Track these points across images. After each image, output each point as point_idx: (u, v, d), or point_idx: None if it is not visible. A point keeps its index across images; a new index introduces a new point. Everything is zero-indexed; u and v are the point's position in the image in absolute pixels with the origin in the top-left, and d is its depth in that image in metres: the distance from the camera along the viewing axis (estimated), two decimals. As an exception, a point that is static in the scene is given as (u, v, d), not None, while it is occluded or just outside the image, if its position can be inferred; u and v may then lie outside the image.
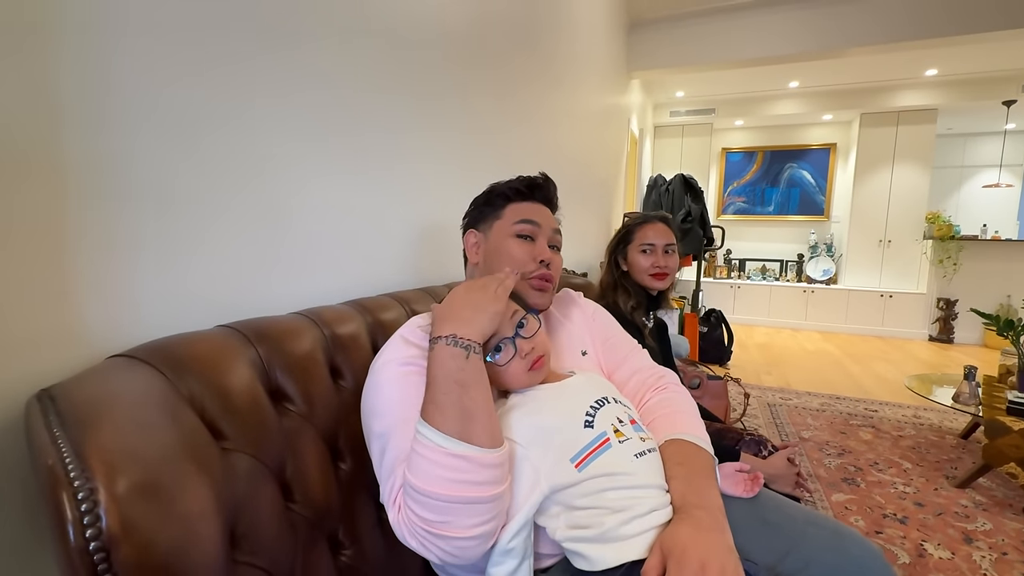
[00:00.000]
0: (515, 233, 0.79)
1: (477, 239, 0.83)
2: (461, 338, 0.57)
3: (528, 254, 0.78)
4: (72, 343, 0.55)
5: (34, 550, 0.51)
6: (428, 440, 0.52)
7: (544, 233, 0.80)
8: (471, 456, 0.52)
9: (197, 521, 0.40)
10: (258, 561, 0.50)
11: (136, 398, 0.46)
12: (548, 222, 0.82)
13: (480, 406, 0.55)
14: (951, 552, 1.52)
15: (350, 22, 0.94)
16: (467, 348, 0.57)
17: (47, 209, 0.52)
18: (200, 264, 0.69)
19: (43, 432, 0.39)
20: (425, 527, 0.52)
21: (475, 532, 0.53)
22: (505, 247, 0.78)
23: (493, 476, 0.53)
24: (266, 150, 0.78)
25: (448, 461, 0.51)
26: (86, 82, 0.54)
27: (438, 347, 0.57)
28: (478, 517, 0.52)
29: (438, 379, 0.55)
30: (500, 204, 0.83)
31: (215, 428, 0.53)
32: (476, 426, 0.54)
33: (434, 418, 0.53)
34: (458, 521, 0.52)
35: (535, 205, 0.83)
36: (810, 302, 5.52)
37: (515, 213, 0.80)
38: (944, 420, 2.69)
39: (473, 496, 0.52)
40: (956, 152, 5.88)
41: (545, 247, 0.79)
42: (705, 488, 0.62)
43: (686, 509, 0.58)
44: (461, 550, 0.53)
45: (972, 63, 4.36)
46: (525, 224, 0.79)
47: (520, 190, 0.83)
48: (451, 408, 0.53)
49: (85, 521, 0.32)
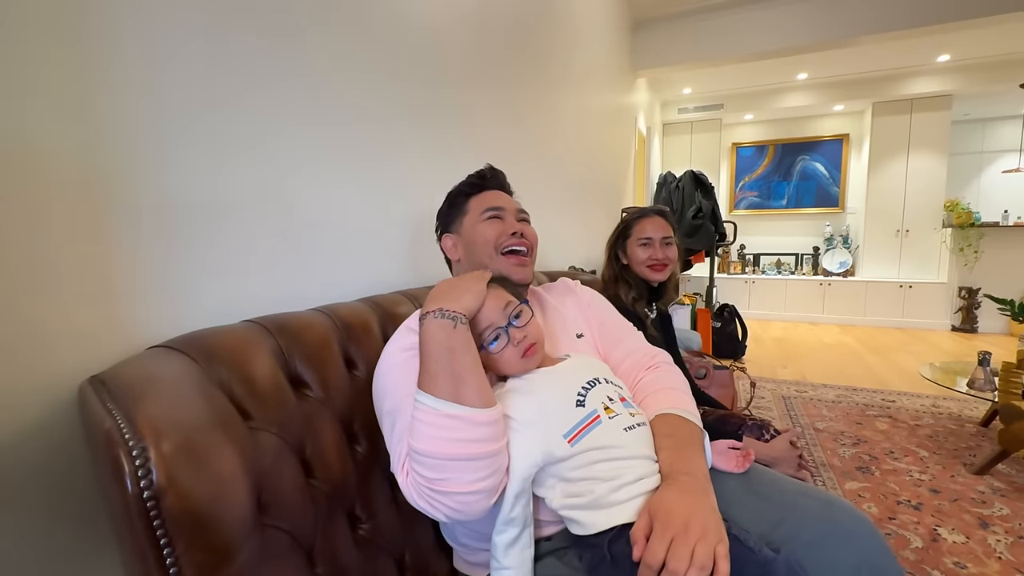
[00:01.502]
0: (483, 219, 0.86)
1: (453, 240, 0.90)
2: (447, 310, 0.62)
3: (499, 231, 0.85)
4: (116, 336, 0.61)
5: (77, 507, 0.58)
6: (424, 405, 0.58)
7: (509, 212, 0.88)
8: (463, 415, 0.57)
9: (227, 481, 0.46)
10: (283, 525, 0.56)
11: (174, 380, 0.52)
12: (510, 204, 0.90)
13: (469, 369, 0.60)
14: (966, 536, 1.51)
15: (358, 40, 1.01)
16: (453, 319, 0.62)
17: (95, 220, 0.59)
18: (225, 266, 0.76)
19: (98, 406, 0.45)
20: (429, 485, 0.57)
21: (475, 487, 0.58)
22: (478, 232, 0.85)
23: (486, 434, 0.58)
24: (284, 163, 0.85)
25: (443, 422, 0.57)
26: (139, 109, 0.62)
27: (427, 321, 0.62)
28: (476, 473, 0.57)
29: (429, 349, 0.60)
30: (461, 203, 0.90)
31: (242, 409, 0.59)
32: (466, 388, 0.59)
33: (428, 385, 0.58)
34: (457, 477, 0.57)
35: (492, 193, 0.90)
36: (827, 295, 5.45)
37: (478, 205, 0.88)
38: (964, 408, 2.66)
39: (469, 453, 0.57)
40: (975, 138, 5.75)
41: (514, 222, 0.87)
42: (691, 456, 0.66)
43: (673, 475, 0.63)
44: (465, 505, 0.58)
45: (986, 47, 4.28)
46: (490, 210, 0.86)
47: (474, 183, 0.91)
48: (442, 374, 0.58)
49: (139, 473, 0.39)
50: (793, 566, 0.59)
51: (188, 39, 0.69)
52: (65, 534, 0.56)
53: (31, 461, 0.53)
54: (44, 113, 0.54)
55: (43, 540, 0.54)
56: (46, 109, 0.54)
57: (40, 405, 0.54)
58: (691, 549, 0.53)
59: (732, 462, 0.79)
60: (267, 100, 0.82)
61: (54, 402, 0.55)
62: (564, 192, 2.40)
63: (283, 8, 0.84)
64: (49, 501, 0.55)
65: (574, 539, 0.66)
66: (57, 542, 0.55)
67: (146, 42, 0.64)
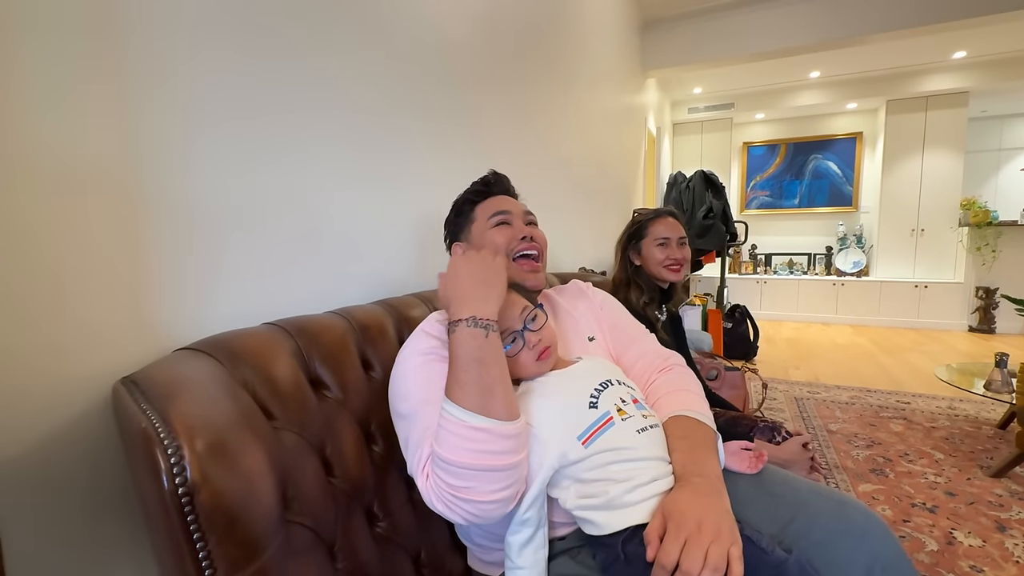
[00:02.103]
0: (492, 225, 0.87)
1: (463, 248, 0.91)
2: (481, 319, 0.63)
3: (509, 236, 0.86)
4: (145, 339, 0.64)
5: (109, 499, 0.61)
6: (452, 416, 0.58)
7: (516, 216, 0.89)
8: (490, 428, 0.58)
9: (256, 478, 0.48)
10: (306, 522, 0.58)
11: (202, 380, 0.54)
12: (516, 207, 0.91)
13: (498, 382, 0.61)
14: (982, 540, 1.50)
15: (372, 41, 1.03)
16: (486, 328, 0.62)
17: (125, 228, 0.61)
18: (242, 270, 0.78)
19: (132, 406, 0.47)
20: (452, 492, 0.58)
21: (495, 497, 0.59)
22: (488, 239, 0.86)
23: (510, 446, 0.59)
24: (298, 167, 0.87)
25: (470, 434, 0.57)
26: (168, 124, 0.65)
27: (460, 329, 0.62)
28: (498, 483, 0.58)
29: (460, 359, 0.60)
30: (468, 210, 0.92)
31: (265, 409, 0.62)
32: (495, 401, 0.59)
33: (457, 395, 0.59)
34: (480, 487, 0.58)
35: (498, 198, 0.91)
36: (840, 295, 5.39)
37: (485, 211, 0.89)
38: (981, 411, 2.62)
39: (493, 464, 0.58)
40: (992, 135, 5.65)
41: (522, 226, 0.88)
42: (704, 458, 0.67)
43: (686, 477, 0.64)
44: (484, 511, 0.59)
45: (1003, 42, 4.21)
46: (497, 215, 0.88)
47: (479, 190, 0.93)
48: (472, 385, 0.59)
49: (175, 471, 0.41)
50: (805, 567, 0.59)
51: (218, 55, 0.72)
52: (89, 532, 0.59)
53: (67, 457, 0.56)
54: (75, 122, 0.56)
55: (70, 538, 0.57)
56: (78, 118, 0.56)
57: (75, 404, 0.56)
58: (705, 550, 0.54)
59: (745, 463, 0.80)
60: (282, 106, 0.84)
61: (89, 401, 0.57)
62: (574, 193, 2.41)
63: (299, 15, 0.87)
64: (82, 500, 0.58)
65: (588, 538, 0.67)
66: (81, 540, 0.58)
67: (180, 56, 0.66)
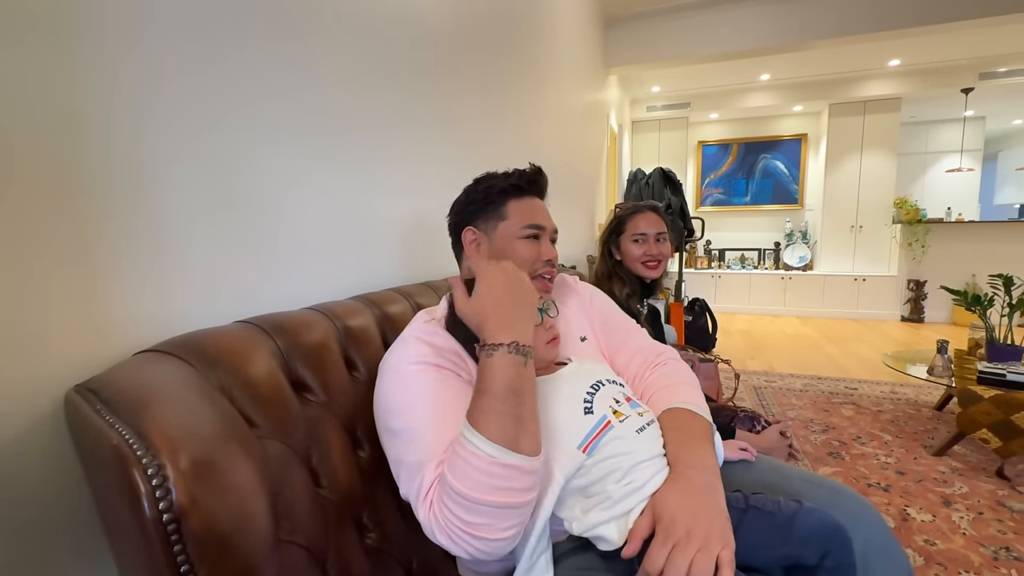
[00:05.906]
0: (523, 235, 0.81)
1: (476, 236, 0.84)
2: (523, 345, 0.57)
3: (535, 254, 0.81)
4: (97, 342, 0.55)
5: (56, 533, 0.53)
6: (477, 449, 0.52)
7: (547, 233, 0.84)
8: (519, 465, 0.52)
9: (249, 496, 0.42)
10: (299, 540, 0.53)
11: (175, 386, 0.47)
12: (549, 223, 0.85)
13: (531, 414, 0.56)
14: (932, 515, 1.60)
15: (343, 21, 0.96)
16: (525, 355, 0.57)
17: (72, 220, 0.53)
18: (208, 265, 0.70)
19: (94, 418, 0.40)
20: (464, 528, 0.52)
21: (508, 534, 0.54)
22: (512, 248, 0.81)
23: (532, 482, 0.55)
24: (264, 155, 0.80)
25: (496, 470, 0.52)
26: (98, 89, 0.56)
27: (498, 355, 0.56)
28: (514, 520, 0.54)
29: (495, 387, 0.54)
30: (501, 201, 0.83)
31: (246, 416, 0.55)
32: (525, 435, 0.54)
33: (483, 426, 0.53)
34: (496, 524, 0.53)
35: (534, 201, 0.85)
36: (788, 288, 5.68)
37: (519, 214, 0.82)
38: (919, 394, 2.81)
39: (514, 502, 0.53)
40: (920, 139, 6.11)
41: (550, 246, 0.83)
42: (698, 449, 0.65)
43: (678, 468, 0.62)
44: (493, 548, 0.54)
45: (932, 53, 4.54)
46: (532, 227, 0.82)
47: (519, 185, 0.84)
48: (507, 418, 0.53)
49: (157, 495, 0.34)
50: (814, 511, 0.59)
51: (184, 47, 0.63)
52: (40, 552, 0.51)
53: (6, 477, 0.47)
54: (28, 116, 0.48)
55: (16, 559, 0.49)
56: (31, 112, 0.48)
57: (14, 420, 0.48)
58: (690, 560, 0.52)
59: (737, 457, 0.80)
60: (253, 102, 0.76)
61: (32, 415, 0.49)
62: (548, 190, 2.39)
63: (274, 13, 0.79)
64: (20, 535, 0.49)
65: (602, 553, 0.64)
66: (30, 561, 0.50)
67: (142, 51, 0.58)
